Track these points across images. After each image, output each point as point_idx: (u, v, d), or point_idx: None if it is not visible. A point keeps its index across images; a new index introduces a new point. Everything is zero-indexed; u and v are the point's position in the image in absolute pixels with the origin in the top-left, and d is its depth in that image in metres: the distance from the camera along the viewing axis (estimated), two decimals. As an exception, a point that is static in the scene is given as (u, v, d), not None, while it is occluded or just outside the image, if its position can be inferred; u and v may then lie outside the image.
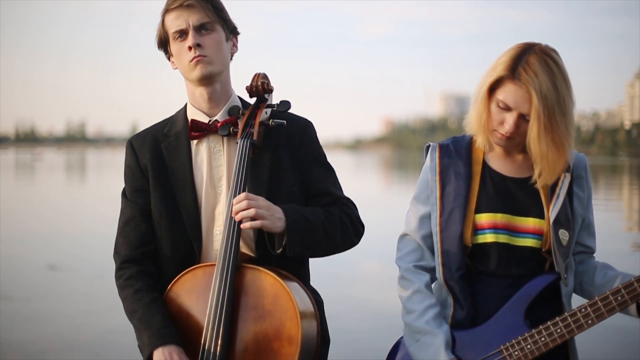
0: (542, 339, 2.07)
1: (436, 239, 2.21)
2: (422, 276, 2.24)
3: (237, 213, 2.13)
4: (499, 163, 2.23)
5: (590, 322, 2.05)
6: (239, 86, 2.37)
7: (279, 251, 2.19)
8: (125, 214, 2.35)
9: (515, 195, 2.19)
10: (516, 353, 2.09)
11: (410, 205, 2.30)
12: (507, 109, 2.10)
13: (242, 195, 2.14)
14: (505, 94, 2.09)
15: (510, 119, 2.10)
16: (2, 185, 30.67)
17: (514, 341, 2.11)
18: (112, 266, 2.44)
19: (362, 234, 2.39)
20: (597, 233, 2.33)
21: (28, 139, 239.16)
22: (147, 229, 2.32)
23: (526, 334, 2.10)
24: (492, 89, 2.12)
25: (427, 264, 2.25)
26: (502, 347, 2.11)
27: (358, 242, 2.39)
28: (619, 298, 2.04)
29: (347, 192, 2.42)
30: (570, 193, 2.21)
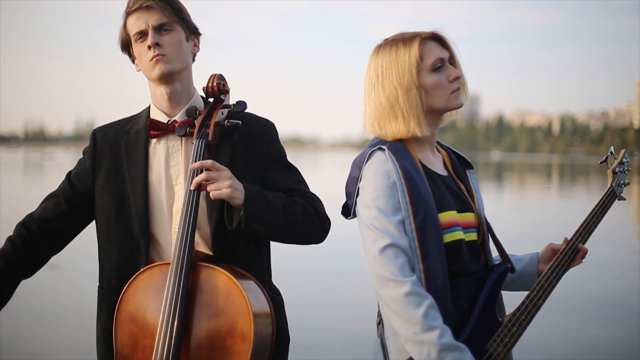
0: (515, 329, 2.15)
1: (414, 245, 2.09)
2: (424, 290, 2.06)
3: (196, 184, 2.19)
4: (429, 162, 2.25)
5: (541, 302, 2.19)
6: (255, 89, 2.41)
7: (234, 225, 2.22)
8: (58, 188, 2.46)
9: (454, 192, 2.23)
10: (500, 349, 2.14)
11: (377, 217, 2.10)
12: (442, 63, 2.19)
13: (205, 162, 2.19)
14: (431, 53, 2.18)
15: (449, 68, 2.19)
16: (10, 185, 30.82)
17: (497, 339, 2.14)
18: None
19: (329, 229, 2.41)
20: (604, 236, 2.38)
21: (37, 139, 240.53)
22: (65, 212, 2.41)
23: (503, 328, 2.15)
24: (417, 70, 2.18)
25: (418, 275, 2.08)
26: (490, 348, 2.13)
27: (324, 238, 2.41)
28: (549, 279, 2.22)
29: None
30: None
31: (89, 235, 2.57)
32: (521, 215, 20.61)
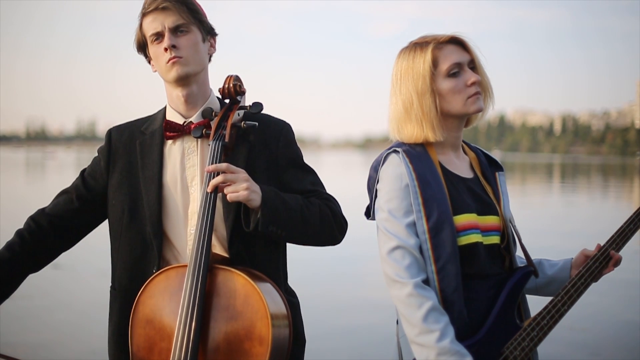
0: (535, 333, 2.14)
1: (427, 246, 2.09)
2: (430, 292, 2.07)
3: (213, 186, 2.18)
4: (451, 165, 2.24)
5: (566, 308, 2.17)
6: (254, 88, 2.41)
7: (251, 227, 2.20)
8: (71, 185, 2.45)
9: (476, 195, 2.22)
10: (517, 352, 2.13)
11: (388, 219, 2.13)
12: (459, 67, 2.18)
13: (219, 165, 2.18)
14: (447, 57, 2.18)
15: (467, 73, 2.19)
16: (12, 184, 30.84)
17: (514, 342, 2.13)
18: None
19: (345, 230, 2.40)
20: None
21: (39, 138, 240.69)
22: (76, 210, 2.40)
23: (522, 331, 2.14)
24: (432, 75, 2.17)
25: (426, 276, 2.10)
26: (506, 350, 2.13)
27: (342, 239, 2.40)
28: (576, 285, 2.19)
29: (357, 191, 2.41)
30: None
31: (90, 236, 2.56)
32: (523, 216, 20.59)
